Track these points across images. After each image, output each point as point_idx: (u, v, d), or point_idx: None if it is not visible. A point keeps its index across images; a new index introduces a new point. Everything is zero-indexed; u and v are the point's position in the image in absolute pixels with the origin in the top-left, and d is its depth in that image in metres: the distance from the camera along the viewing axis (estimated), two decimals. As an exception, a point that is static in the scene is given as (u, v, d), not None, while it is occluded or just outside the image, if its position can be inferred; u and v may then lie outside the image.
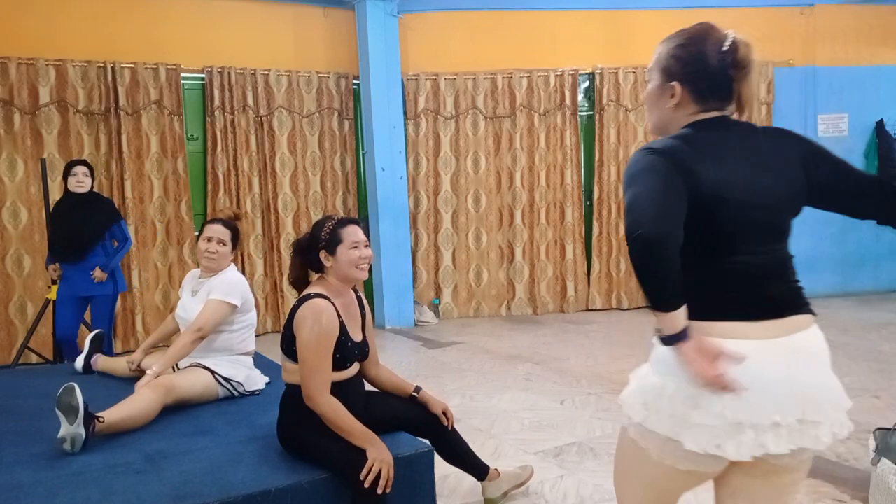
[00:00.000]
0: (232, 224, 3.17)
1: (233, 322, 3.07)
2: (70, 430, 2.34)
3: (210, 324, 2.96)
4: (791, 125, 6.80)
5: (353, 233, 2.35)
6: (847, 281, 7.30)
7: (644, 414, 1.44)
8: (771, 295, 1.40)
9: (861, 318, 6.14)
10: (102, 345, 3.74)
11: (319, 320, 2.23)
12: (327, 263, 2.35)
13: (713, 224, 1.38)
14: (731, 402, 1.32)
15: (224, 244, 3.11)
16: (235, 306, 3.03)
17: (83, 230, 4.50)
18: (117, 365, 3.43)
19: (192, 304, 3.10)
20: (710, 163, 1.38)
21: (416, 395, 2.60)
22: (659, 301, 1.31)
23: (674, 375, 1.38)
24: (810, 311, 1.44)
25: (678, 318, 1.31)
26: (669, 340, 1.33)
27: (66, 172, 4.46)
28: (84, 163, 4.53)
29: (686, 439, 1.36)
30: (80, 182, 4.44)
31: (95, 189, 4.80)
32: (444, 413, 2.59)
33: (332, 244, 2.33)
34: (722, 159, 1.40)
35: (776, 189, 1.42)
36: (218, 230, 3.11)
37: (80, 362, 3.58)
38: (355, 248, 2.33)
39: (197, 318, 2.97)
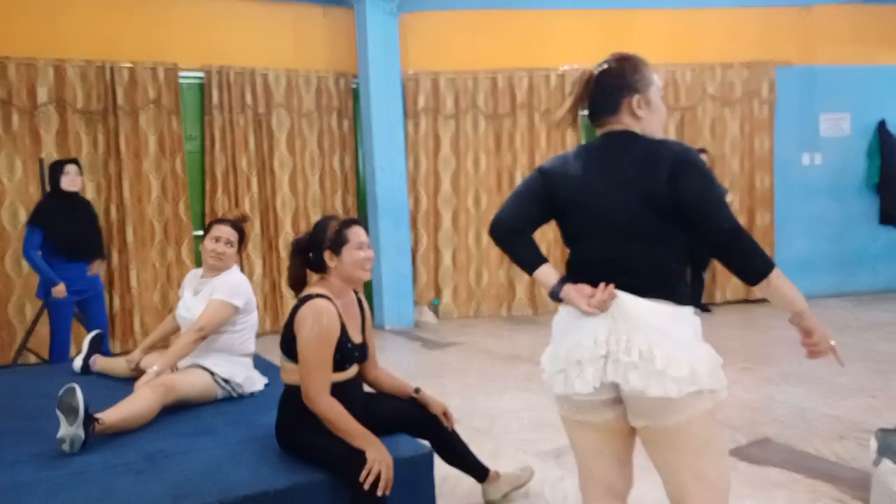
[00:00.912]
0: (240, 226, 3.19)
1: (235, 323, 3.07)
2: (70, 430, 2.34)
3: (212, 324, 2.96)
4: (793, 125, 6.79)
5: (359, 234, 2.35)
6: (844, 281, 7.31)
7: (544, 372, 1.84)
8: (605, 280, 1.71)
9: (858, 318, 6.15)
10: (101, 345, 3.74)
11: (320, 320, 2.23)
12: (332, 264, 2.34)
13: (569, 223, 1.82)
14: (566, 350, 1.73)
15: (231, 245, 3.12)
16: (238, 307, 3.03)
17: (94, 229, 4.57)
18: (116, 365, 3.43)
19: (194, 303, 3.10)
20: (573, 174, 1.78)
21: (415, 395, 2.60)
22: (524, 268, 1.84)
23: (553, 338, 1.82)
24: (658, 295, 1.70)
25: (546, 276, 1.78)
26: (553, 294, 1.77)
27: (58, 171, 4.41)
28: (75, 161, 4.51)
29: (553, 385, 1.78)
30: (73, 181, 4.41)
31: (95, 189, 4.82)
32: (445, 414, 2.58)
33: (338, 245, 2.33)
34: (585, 171, 1.78)
35: (627, 197, 1.71)
36: (226, 231, 3.12)
37: (78, 363, 3.57)
38: (360, 249, 2.34)
39: (199, 317, 2.97)
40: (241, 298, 3.05)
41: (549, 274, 1.78)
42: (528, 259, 1.82)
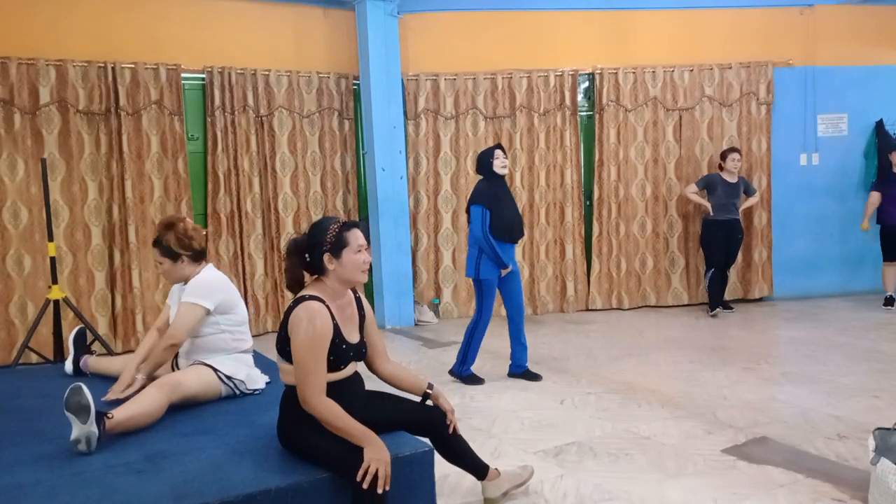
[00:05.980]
0: (158, 242, 3.06)
1: (218, 323, 3.03)
2: (84, 429, 2.32)
3: (183, 330, 2.93)
4: (791, 125, 6.82)
5: (358, 237, 2.35)
6: (847, 281, 7.30)
7: None
8: None
9: (861, 317, 6.14)
10: (86, 343, 3.60)
11: (313, 322, 2.23)
12: (330, 266, 2.34)
13: None
14: None
15: (161, 263, 3.08)
16: (208, 309, 2.97)
17: (520, 212, 4.81)
18: (112, 365, 3.36)
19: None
20: None
21: (429, 392, 2.59)
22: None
23: None
24: None
25: None
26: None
27: (490, 156, 4.56)
28: (500, 147, 4.67)
29: None
30: (503, 164, 4.60)
31: (97, 189, 4.74)
32: (449, 418, 2.56)
33: (338, 247, 2.32)
34: None
35: None
36: (155, 254, 3.11)
37: (68, 366, 3.48)
38: (359, 252, 2.34)
39: (171, 326, 2.95)
40: (209, 300, 2.97)
41: None
42: None
